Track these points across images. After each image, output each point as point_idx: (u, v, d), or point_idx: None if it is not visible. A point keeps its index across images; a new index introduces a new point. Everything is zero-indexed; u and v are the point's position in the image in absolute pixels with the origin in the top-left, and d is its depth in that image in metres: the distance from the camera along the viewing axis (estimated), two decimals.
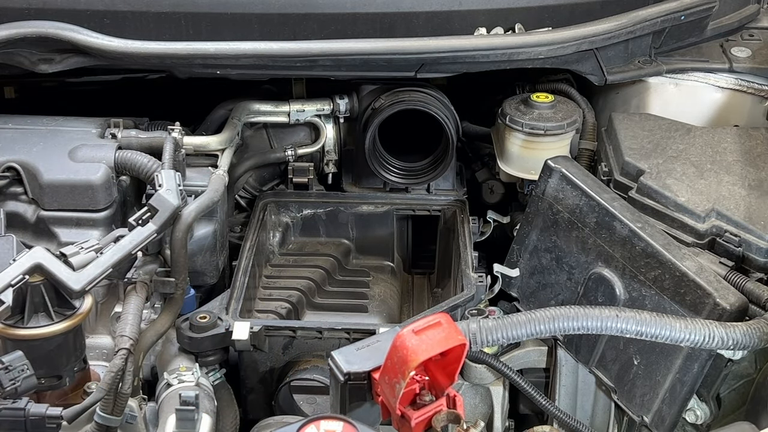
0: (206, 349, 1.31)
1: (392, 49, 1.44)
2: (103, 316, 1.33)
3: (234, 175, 1.64)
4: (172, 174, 1.30)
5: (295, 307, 1.50)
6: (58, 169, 1.34)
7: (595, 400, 1.41)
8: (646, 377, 1.24)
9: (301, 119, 1.67)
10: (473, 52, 1.46)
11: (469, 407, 1.40)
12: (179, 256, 1.29)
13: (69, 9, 1.41)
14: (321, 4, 1.45)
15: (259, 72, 1.53)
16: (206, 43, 1.42)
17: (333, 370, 1.04)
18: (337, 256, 1.66)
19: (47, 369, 1.13)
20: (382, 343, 1.05)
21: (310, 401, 1.35)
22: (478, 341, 1.12)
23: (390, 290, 1.61)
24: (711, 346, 1.09)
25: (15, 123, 1.45)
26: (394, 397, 0.98)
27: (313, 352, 1.37)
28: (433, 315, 1.00)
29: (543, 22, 1.52)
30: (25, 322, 1.11)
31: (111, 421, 1.13)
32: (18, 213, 1.34)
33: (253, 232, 1.57)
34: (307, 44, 1.43)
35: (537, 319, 1.11)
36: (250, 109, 1.64)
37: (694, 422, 1.25)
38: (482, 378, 1.38)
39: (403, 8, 1.47)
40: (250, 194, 1.76)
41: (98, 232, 1.33)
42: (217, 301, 1.40)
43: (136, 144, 1.42)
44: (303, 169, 1.72)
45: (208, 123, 1.65)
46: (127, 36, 1.41)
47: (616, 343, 1.28)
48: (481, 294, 1.45)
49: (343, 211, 1.69)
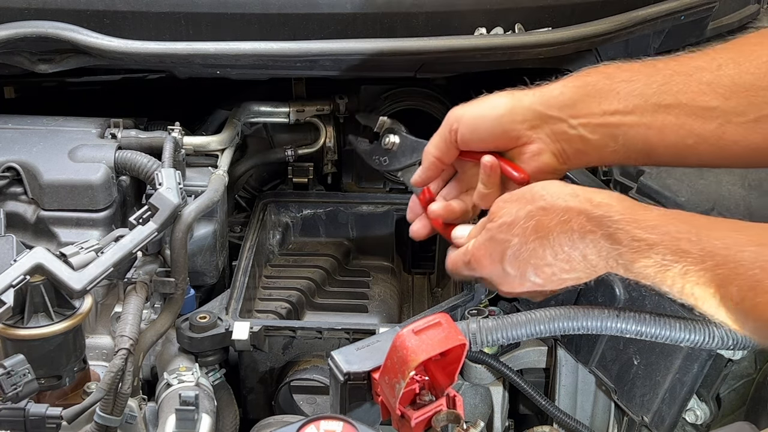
0: (206, 349, 1.31)
1: (392, 49, 1.44)
2: (103, 316, 1.33)
3: (234, 175, 1.64)
4: (172, 173, 1.30)
5: (295, 307, 1.50)
6: (58, 169, 1.34)
7: (595, 400, 1.41)
8: (645, 377, 1.24)
9: (301, 119, 1.67)
10: (473, 52, 1.46)
11: (469, 407, 1.40)
12: (179, 256, 1.29)
13: (69, 9, 1.41)
14: (321, 4, 1.45)
15: (259, 72, 1.53)
16: (206, 43, 1.42)
17: (333, 370, 1.04)
18: (337, 256, 1.66)
19: (47, 369, 1.12)
20: (382, 343, 1.05)
21: (310, 401, 1.35)
22: (478, 341, 1.12)
23: (390, 290, 1.61)
24: (711, 346, 1.09)
25: (15, 123, 1.44)
26: (394, 397, 0.98)
27: (313, 352, 1.37)
28: (433, 315, 1.00)
29: (543, 22, 1.52)
30: (25, 322, 1.11)
31: (111, 421, 1.12)
32: (18, 213, 1.34)
33: (253, 232, 1.57)
34: (307, 44, 1.43)
35: (537, 319, 1.11)
36: (250, 109, 1.64)
37: (694, 422, 1.25)
38: (482, 378, 1.38)
39: (403, 8, 1.47)
40: (250, 194, 1.77)
41: (98, 232, 1.33)
42: (217, 301, 1.41)
43: (136, 144, 1.42)
44: (303, 169, 1.72)
45: (208, 123, 1.65)
46: (127, 36, 1.41)
47: (616, 343, 1.28)
48: (481, 294, 1.45)
49: (343, 211, 1.69)
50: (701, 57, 1.05)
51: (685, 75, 1.03)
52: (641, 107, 1.04)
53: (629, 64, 1.08)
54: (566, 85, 1.08)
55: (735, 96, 1.01)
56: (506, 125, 1.10)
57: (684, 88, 1.03)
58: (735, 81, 1.01)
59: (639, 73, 1.05)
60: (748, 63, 1.01)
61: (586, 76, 1.08)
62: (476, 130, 1.12)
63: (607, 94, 1.05)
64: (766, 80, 1.00)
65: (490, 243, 1.06)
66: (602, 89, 1.06)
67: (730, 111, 1.01)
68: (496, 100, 1.11)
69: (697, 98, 1.02)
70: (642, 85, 1.05)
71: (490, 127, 1.11)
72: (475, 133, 1.12)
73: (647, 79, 1.05)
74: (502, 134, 1.10)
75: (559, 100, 1.07)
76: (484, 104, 1.13)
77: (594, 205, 0.97)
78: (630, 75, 1.06)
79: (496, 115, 1.10)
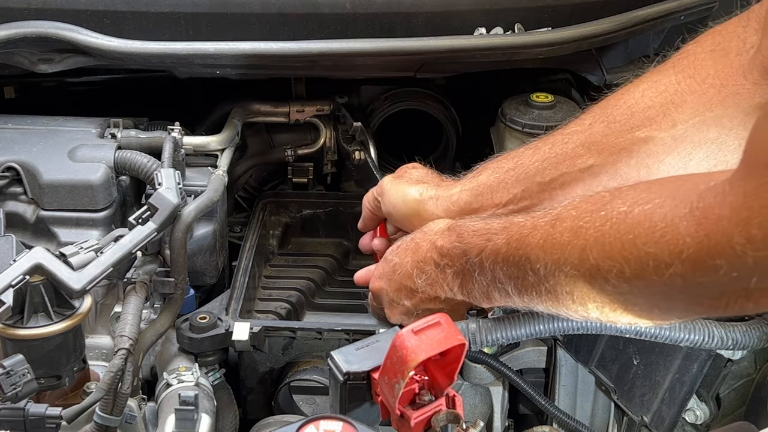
0: (206, 350, 1.31)
1: (392, 49, 1.44)
2: (103, 316, 1.33)
3: (234, 175, 1.64)
4: (171, 172, 1.30)
5: (295, 307, 1.50)
6: (58, 169, 1.34)
7: (595, 400, 1.41)
8: (645, 377, 1.24)
9: (301, 119, 1.67)
10: (473, 52, 1.46)
11: (469, 407, 1.40)
12: (179, 256, 1.29)
13: (69, 9, 1.41)
14: (321, 4, 1.45)
15: (259, 72, 1.53)
16: (206, 43, 1.42)
17: (332, 370, 1.04)
18: (337, 256, 1.66)
19: (47, 369, 1.12)
20: (382, 343, 1.05)
21: (310, 401, 1.35)
22: (477, 341, 1.12)
23: None
24: (710, 346, 1.09)
25: (15, 123, 1.44)
26: (394, 397, 0.98)
27: (313, 352, 1.37)
28: (432, 315, 1.00)
29: (543, 22, 1.52)
30: (25, 322, 1.11)
31: (110, 421, 1.13)
32: (17, 213, 1.34)
33: (253, 232, 1.57)
34: (307, 44, 1.43)
35: (537, 319, 1.11)
36: (249, 109, 1.64)
37: (694, 422, 1.25)
38: (482, 378, 1.38)
39: (403, 8, 1.47)
40: (250, 194, 1.77)
41: (98, 232, 1.33)
42: (217, 302, 1.40)
43: (135, 144, 1.42)
44: (303, 169, 1.72)
45: (208, 123, 1.65)
46: (127, 36, 1.41)
47: (616, 343, 1.28)
48: None
49: (343, 211, 1.69)
50: (576, 122, 1.13)
51: (561, 144, 1.12)
52: (528, 190, 1.14)
53: (516, 151, 1.18)
54: (463, 189, 1.20)
55: (606, 148, 1.08)
56: (416, 221, 1.23)
57: (562, 159, 1.11)
58: (604, 133, 1.08)
59: (522, 157, 1.15)
60: (615, 112, 1.09)
61: (478, 175, 1.19)
62: (392, 215, 1.28)
63: (497, 187, 1.16)
64: (631, 122, 1.07)
65: (383, 263, 1.22)
66: (491, 185, 1.17)
67: (605, 163, 1.08)
68: (409, 194, 1.25)
69: (575, 162, 1.10)
70: (525, 170, 1.14)
71: (403, 218, 1.26)
72: (392, 217, 1.29)
73: (529, 161, 1.14)
74: (417, 224, 1.23)
75: (458, 205, 1.19)
76: (399, 194, 1.26)
77: (458, 223, 1.10)
78: (515, 163, 1.16)
79: (406, 212, 1.25)
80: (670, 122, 1.04)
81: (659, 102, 1.05)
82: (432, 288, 1.13)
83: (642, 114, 1.06)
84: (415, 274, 1.13)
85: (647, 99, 1.06)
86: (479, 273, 1.04)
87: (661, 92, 1.05)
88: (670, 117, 1.04)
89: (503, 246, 0.99)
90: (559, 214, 0.92)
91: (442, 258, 1.10)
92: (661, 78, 1.06)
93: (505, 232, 1.00)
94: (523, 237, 0.96)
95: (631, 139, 1.06)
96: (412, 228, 1.24)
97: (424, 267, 1.12)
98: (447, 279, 1.11)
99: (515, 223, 0.99)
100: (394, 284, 1.18)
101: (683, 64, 1.04)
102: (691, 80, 1.02)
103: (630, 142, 1.06)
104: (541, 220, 0.95)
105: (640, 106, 1.06)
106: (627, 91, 1.10)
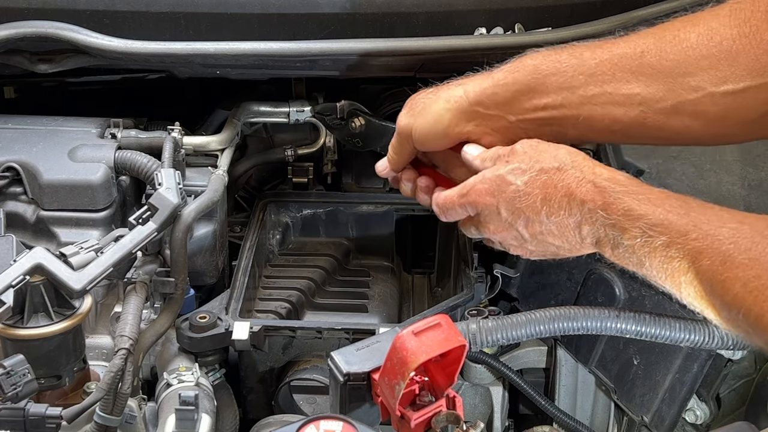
0: (206, 349, 1.31)
1: (392, 49, 1.44)
2: (103, 316, 1.33)
3: (234, 175, 1.64)
4: (171, 173, 1.30)
5: (295, 307, 1.50)
6: (58, 169, 1.34)
7: (595, 400, 1.42)
8: (645, 377, 1.24)
9: (300, 119, 1.67)
10: (473, 52, 1.46)
11: (469, 407, 1.40)
12: (179, 256, 1.29)
13: (69, 9, 1.41)
14: (321, 4, 1.45)
15: (259, 72, 1.53)
16: (206, 43, 1.42)
17: (332, 371, 1.04)
18: (337, 256, 1.66)
19: (47, 369, 1.12)
20: (382, 344, 1.05)
21: (310, 401, 1.35)
22: (477, 342, 1.12)
23: (390, 290, 1.61)
24: (711, 346, 1.09)
25: (15, 123, 1.44)
26: (394, 398, 0.98)
27: (313, 352, 1.37)
28: (433, 316, 1.00)
29: (543, 22, 1.52)
30: (25, 322, 1.11)
31: (110, 421, 1.13)
32: (18, 213, 1.34)
33: (253, 232, 1.57)
34: (307, 44, 1.43)
35: (537, 319, 1.11)
36: (250, 109, 1.64)
37: (694, 422, 1.25)
38: (482, 378, 1.39)
39: (403, 8, 1.47)
40: (250, 194, 1.76)
41: (98, 232, 1.33)
42: (217, 301, 1.40)
43: (135, 144, 1.42)
44: (303, 169, 1.72)
45: (208, 123, 1.65)
46: (127, 36, 1.41)
47: (616, 343, 1.28)
48: (481, 294, 1.45)
49: (343, 211, 1.69)
50: (626, 43, 1.10)
51: (609, 63, 1.09)
52: (569, 100, 1.10)
53: (557, 54, 1.14)
54: (498, 84, 1.15)
55: (655, 83, 1.06)
56: (453, 133, 1.17)
57: (608, 78, 1.09)
58: (656, 68, 1.06)
59: (566, 65, 1.12)
60: (669, 48, 1.06)
61: (516, 72, 1.15)
62: (427, 142, 1.21)
63: (537, 88, 1.12)
64: (684, 67, 1.04)
65: (497, 179, 1.10)
66: (531, 84, 1.13)
67: (650, 98, 1.06)
68: (438, 109, 1.18)
69: (620, 87, 1.08)
70: (569, 78, 1.11)
71: (441, 137, 1.19)
72: (428, 144, 1.21)
73: (574, 72, 1.11)
74: (454, 139, 1.18)
75: (493, 100, 1.15)
76: (428, 116, 1.19)
77: (602, 178, 1.03)
78: (557, 67, 1.12)
79: (442, 127, 1.18)
80: (721, 78, 1.02)
81: (714, 53, 1.02)
82: (560, 232, 1.06)
83: (695, 63, 1.04)
84: (544, 212, 1.06)
85: (702, 47, 1.04)
86: (629, 253, 1.00)
87: (717, 44, 1.02)
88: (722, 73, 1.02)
89: (684, 251, 0.94)
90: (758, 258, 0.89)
91: (585, 222, 1.04)
92: (717, 27, 1.03)
93: (705, 249, 0.93)
94: (726, 259, 0.90)
95: (681, 84, 1.04)
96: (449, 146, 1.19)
97: (558, 212, 1.05)
98: (584, 240, 1.05)
99: (713, 238, 0.93)
100: (511, 207, 1.09)
101: (740, 17, 1.02)
102: (746, 40, 1.00)
103: (680, 86, 1.05)
104: (739, 258, 0.89)
105: (695, 53, 1.04)
106: (683, 27, 1.07)
